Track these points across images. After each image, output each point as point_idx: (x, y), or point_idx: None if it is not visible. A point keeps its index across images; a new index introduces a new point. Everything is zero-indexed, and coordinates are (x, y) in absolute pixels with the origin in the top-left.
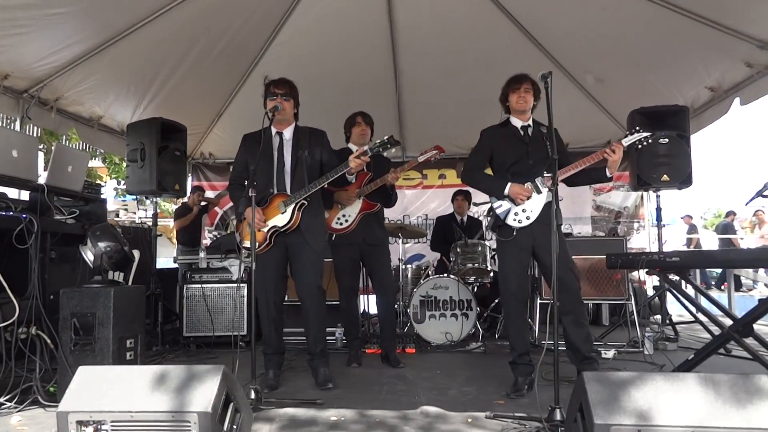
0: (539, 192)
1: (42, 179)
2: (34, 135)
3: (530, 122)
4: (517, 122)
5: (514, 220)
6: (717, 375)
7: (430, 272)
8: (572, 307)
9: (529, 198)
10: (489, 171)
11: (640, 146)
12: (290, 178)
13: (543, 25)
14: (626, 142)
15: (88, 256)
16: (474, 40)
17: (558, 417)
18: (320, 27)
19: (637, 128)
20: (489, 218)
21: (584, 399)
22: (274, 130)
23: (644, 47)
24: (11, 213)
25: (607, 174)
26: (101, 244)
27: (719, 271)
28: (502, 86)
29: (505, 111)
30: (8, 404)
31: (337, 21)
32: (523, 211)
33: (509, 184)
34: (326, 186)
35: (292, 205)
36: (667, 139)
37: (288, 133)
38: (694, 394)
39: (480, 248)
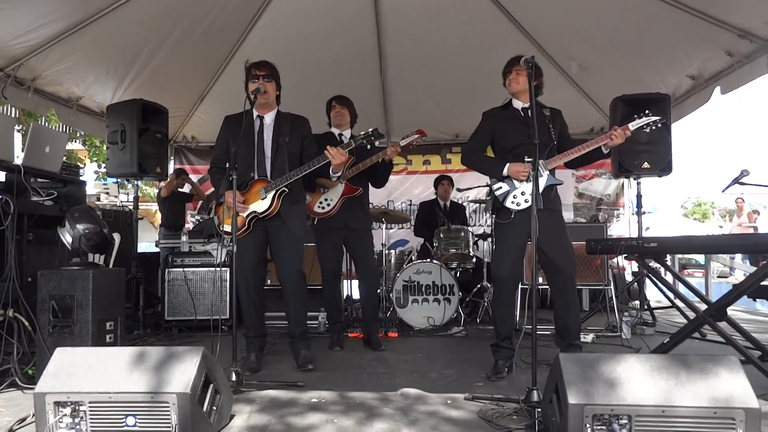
0: (540, 175)
1: (19, 160)
2: (12, 116)
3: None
4: (518, 104)
5: (513, 202)
6: (687, 356)
7: (413, 257)
8: (565, 292)
9: (528, 176)
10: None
11: (648, 130)
12: (270, 163)
13: (529, 11)
14: (633, 126)
15: (66, 238)
16: (459, 25)
17: (535, 398)
18: (304, 9)
19: (647, 111)
20: (488, 199)
21: (560, 380)
22: (255, 113)
23: (628, 35)
24: None
25: (603, 151)
26: (80, 226)
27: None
28: (487, 72)
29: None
30: None
31: (322, 3)
32: (522, 194)
33: (508, 164)
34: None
35: (273, 192)
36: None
37: (269, 117)
38: (665, 374)
39: (463, 234)
